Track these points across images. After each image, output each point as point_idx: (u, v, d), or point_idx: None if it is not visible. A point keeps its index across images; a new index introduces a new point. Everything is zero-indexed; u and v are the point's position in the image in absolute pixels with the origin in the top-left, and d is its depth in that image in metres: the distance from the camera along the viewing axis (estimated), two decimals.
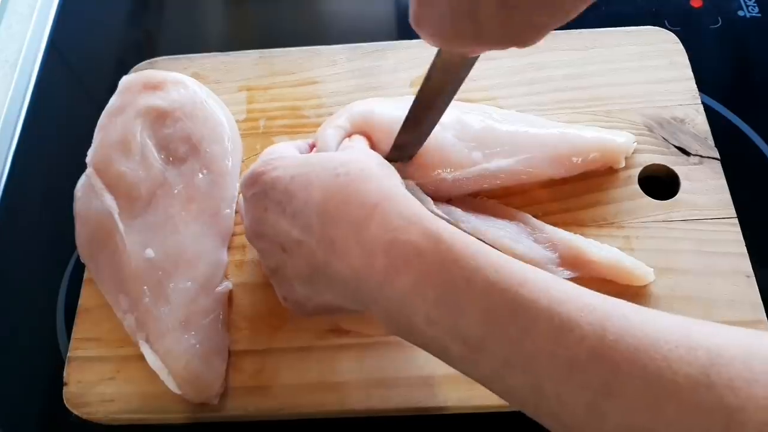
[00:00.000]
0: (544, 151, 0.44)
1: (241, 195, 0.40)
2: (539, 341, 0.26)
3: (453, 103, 0.47)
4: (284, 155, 0.37)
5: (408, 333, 0.30)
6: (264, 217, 0.34)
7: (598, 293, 0.27)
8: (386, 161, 0.36)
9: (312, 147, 0.43)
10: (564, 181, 0.45)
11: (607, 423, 0.24)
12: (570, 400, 0.25)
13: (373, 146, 0.43)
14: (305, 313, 0.37)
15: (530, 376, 0.26)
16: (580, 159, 0.45)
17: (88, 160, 0.47)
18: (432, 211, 0.37)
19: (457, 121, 0.44)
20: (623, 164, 0.46)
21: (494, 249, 0.29)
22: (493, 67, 0.51)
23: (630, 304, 0.26)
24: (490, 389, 0.29)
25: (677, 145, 0.47)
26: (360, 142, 0.42)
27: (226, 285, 0.44)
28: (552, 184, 0.45)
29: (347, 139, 0.42)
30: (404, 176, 0.40)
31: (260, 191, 0.34)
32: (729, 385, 0.22)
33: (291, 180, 0.33)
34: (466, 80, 0.51)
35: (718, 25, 0.58)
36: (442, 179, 0.43)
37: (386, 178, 0.33)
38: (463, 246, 0.29)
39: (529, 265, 0.28)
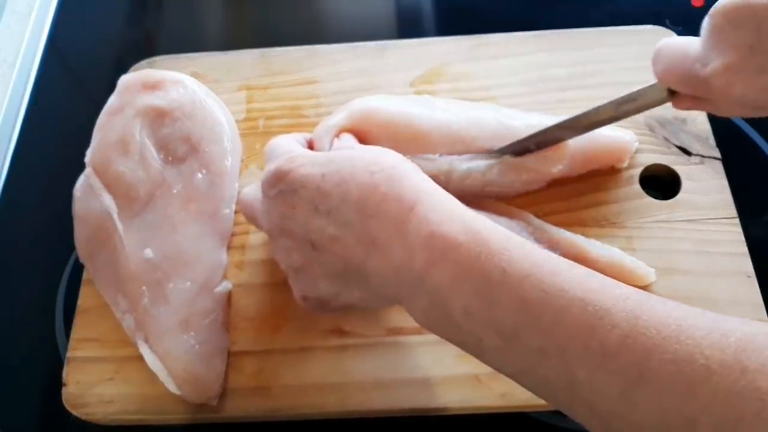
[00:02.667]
0: (561, 146, 0.44)
1: (241, 193, 0.40)
2: (572, 328, 0.26)
3: (456, 102, 0.47)
4: (300, 152, 0.37)
5: (444, 327, 0.31)
6: (292, 214, 0.34)
7: (629, 285, 0.27)
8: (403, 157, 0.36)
9: (310, 144, 0.43)
10: (565, 180, 0.45)
11: (640, 409, 0.25)
12: (603, 387, 0.25)
13: (369, 142, 0.42)
14: (324, 312, 0.37)
15: (563, 364, 0.26)
16: (587, 155, 0.44)
17: (86, 160, 0.47)
18: None
19: (471, 116, 0.44)
20: (627, 163, 0.45)
21: (529, 242, 0.30)
22: (493, 66, 0.51)
23: (659, 297, 0.27)
24: (523, 384, 0.29)
25: (678, 144, 0.47)
26: (351, 141, 0.42)
27: (226, 285, 0.44)
28: (553, 183, 0.45)
29: (336, 139, 0.42)
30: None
31: (287, 189, 0.34)
32: (762, 370, 0.23)
33: (322, 178, 0.33)
34: (466, 80, 0.51)
35: None
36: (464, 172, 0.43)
37: (418, 174, 0.33)
38: (499, 238, 0.29)
39: (562, 258, 0.29)
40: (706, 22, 0.32)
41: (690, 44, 0.34)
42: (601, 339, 0.25)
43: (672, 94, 0.36)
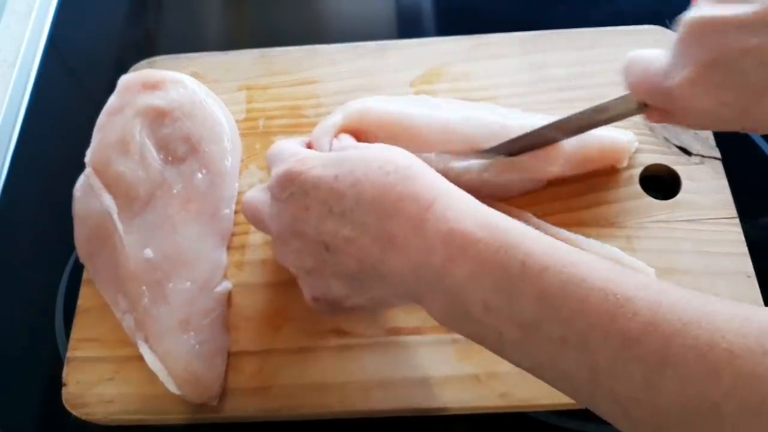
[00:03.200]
0: (555, 147, 0.44)
1: (245, 198, 0.40)
2: (593, 316, 0.26)
3: (455, 102, 0.47)
4: (309, 154, 0.37)
5: (463, 323, 0.31)
6: (305, 216, 0.34)
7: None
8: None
9: (309, 146, 0.43)
10: (565, 180, 0.45)
11: (663, 395, 0.25)
12: (625, 374, 0.26)
13: (367, 142, 0.42)
14: (334, 313, 0.37)
15: (585, 353, 0.27)
16: (585, 155, 0.44)
17: (87, 159, 0.47)
18: None
19: (468, 117, 0.44)
20: (626, 163, 0.45)
21: (547, 236, 0.30)
22: (493, 66, 0.51)
23: (678, 286, 0.27)
24: (543, 378, 0.29)
25: (678, 144, 0.47)
26: (350, 141, 0.42)
27: (226, 285, 0.44)
28: (553, 183, 0.45)
29: (335, 139, 0.42)
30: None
31: (299, 191, 0.34)
32: None
33: (336, 179, 0.33)
34: (466, 80, 0.51)
35: None
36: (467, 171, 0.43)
37: (432, 173, 0.34)
38: (517, 232, 0.30)
39: (579, 250, 0.29)
40: (674, 36, 0.33)
41: (658, 57, 0.34)
42: (621, 326, 0.26)
43: (643, 107, 0.36)
